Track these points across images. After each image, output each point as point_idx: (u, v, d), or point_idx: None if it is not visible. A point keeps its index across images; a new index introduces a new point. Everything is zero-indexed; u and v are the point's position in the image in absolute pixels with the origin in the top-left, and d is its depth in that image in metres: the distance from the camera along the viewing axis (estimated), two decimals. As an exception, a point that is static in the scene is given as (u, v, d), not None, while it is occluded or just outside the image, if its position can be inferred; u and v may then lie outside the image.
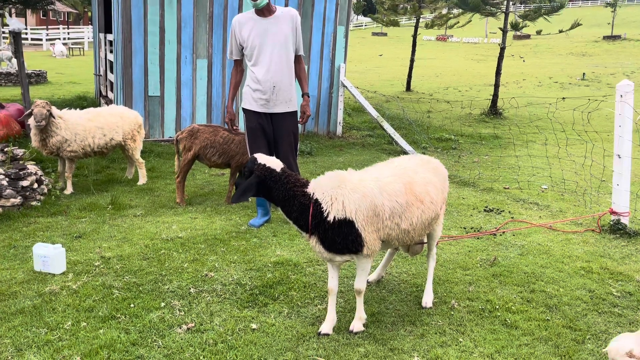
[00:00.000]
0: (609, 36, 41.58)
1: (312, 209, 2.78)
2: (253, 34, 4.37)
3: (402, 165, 3.16)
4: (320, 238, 2.81)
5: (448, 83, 20.89)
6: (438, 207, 3.17)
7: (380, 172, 3.03)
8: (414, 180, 3.04)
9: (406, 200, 2.93)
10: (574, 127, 8.28)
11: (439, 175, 3.29)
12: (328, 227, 2.77)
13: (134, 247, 4.11)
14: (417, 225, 3.00)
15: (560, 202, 5.88)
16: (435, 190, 3.13)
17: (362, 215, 2.78)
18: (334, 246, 2.81)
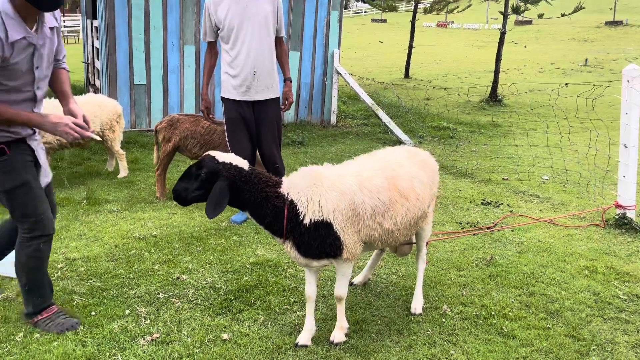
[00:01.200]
0: (611, 22, 40.95)
1: (286, 211, 2.48)
2: (230, 13, 4.03)
3: (386, 158, 2.85)
4: (296, 243, 2.52)
5: (447, 70, 20.50)
6: (425, 204, 2.87)
7: (361, 166, 2.72)
8: (398, 175, 2.74)
9: (389, 197, 2.63)
10: (577, 114, 7.95)
11: (427, 168, 2.98)
12: (304, 231, 2.48)
13: (103, 247, 3.82)
14: (401, 225, 2.71)
15: (562, 194, 5.57)
16: (421, 185, 2.83)
17: (341, 216, 2.49)
18: (311, 251, 2.52)
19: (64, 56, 2.77)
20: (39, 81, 2.57)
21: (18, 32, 2.34)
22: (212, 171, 2.44)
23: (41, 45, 2.49)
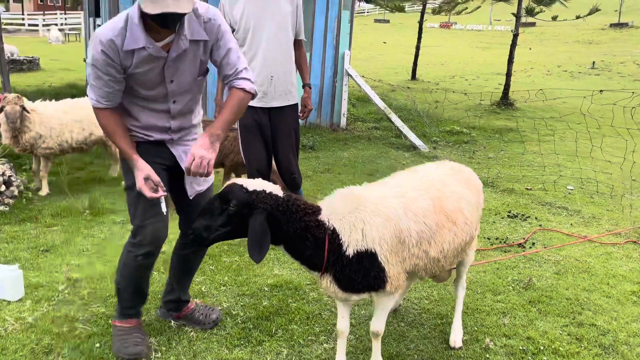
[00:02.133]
0: (616, 24, 40.66)
1: (327, 242, 2.14)
2: (247, 13, 3.71)
3: (428, 175, 2.55)
4: (336, 277, 2.19)
5: (454, 71, 20.20)
6: (473, 228, 2.58)
7: (402, 185, 2.42)
8: (444, 195, 2.43)
9: (436, 221, 2.33)
10: (613, 122, 7.66)
11: (472, 187, 2.67)
12: (346, 264, 2.16)
13: (108, 266, 3.52)
14: (448, 252, 2.41)
15: (591, 207, 5.28)
16: (469, 207, 2.53)
17: (386, 245, 2.19)
18: (353, 285, 2.21)
19: (236, 71, 2.37)
20: (173, 95, 2.37)
21: (137, 42, 2.17)
22: (244, 203, 2.06)
23: (175, 58, 2.27)
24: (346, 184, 2.30)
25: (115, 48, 2.16)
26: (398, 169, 3.06)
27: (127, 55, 2.20)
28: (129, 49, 2.17)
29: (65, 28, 33.41)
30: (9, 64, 15.89)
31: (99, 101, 2.30)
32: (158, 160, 2.45)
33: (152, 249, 2.50)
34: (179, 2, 2.00)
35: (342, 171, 6.39)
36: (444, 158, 7.26)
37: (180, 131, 2.50)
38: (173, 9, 1.99)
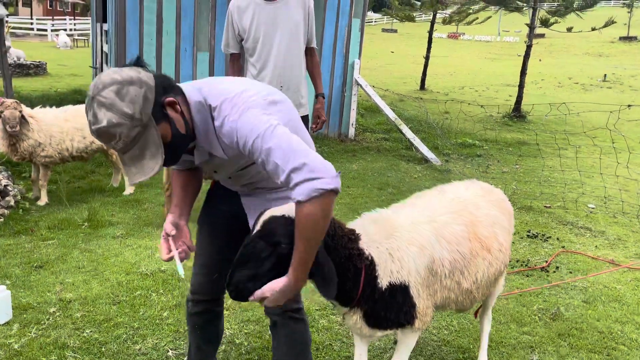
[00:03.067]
0: (626, 37, 40.44)
1: (364, 273, 1.85)
2: (256, 22, 3.50)
3: (459, 197, 2.30)
4: (366, 312, 1.92)
5: (463, 82, 19.98)
6: (507, 255, 2.33)
7: (432, 207, 2.17)
8: (478, 220, 2.19)
9: (470, 249, 2.09)
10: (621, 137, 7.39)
11: (505, 211, 2.43)
12: (378, 297, 1.89)
13: (104, 285, 3.29)
14: (481, 283, 2.17)
15: (615, 227, 5.02)
16: (503, 233, 2.29)
17: (419, 277, 1.94)
18: (381, 321, 1.95)
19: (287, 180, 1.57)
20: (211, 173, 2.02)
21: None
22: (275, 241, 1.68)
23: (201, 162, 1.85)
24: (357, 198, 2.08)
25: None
26: (407, 181, 2.81)
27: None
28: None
29: (74, 33, 33.53)
30: (16, 68, 15.81)
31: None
32: (224, 207, 2.07)
33: (195, 299, 2.15)
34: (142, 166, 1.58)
35: (352, 184, 6.15)
36: (457, 172, 7.02)
37: (245, 187, 1.99)
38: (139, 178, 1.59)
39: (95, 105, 1.49)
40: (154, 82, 1.58)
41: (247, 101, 1.65)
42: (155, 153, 1.56)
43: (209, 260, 2.07)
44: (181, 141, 1.66)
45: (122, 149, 1.55)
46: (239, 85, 1.73)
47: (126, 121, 1.50)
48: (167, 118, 1.60)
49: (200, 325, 2.17)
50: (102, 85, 1.50)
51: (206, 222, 2.11)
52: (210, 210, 2.11)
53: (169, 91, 1.63)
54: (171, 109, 1.61)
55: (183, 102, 1.67)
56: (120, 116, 1.49)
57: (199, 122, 1.68)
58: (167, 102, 1.59)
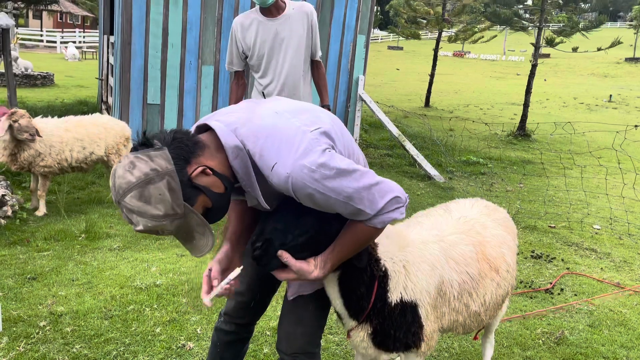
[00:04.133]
0: (632, 58, 40.50)
1: (377, 285, 1.78)
2: (260, 39, 3.49)
3: (465, 215, 2.23)
4: (374, 329, 1.83)
5: (468, 100, 19.99)
6: (514, 277, 2.26)
7: (439, 226, 2.10)
8: (485, 240, 2.12)
9: (479, 270, 2.02)
10: (627, 157, 7.31)
11: (510, 230, 2.37)
12: (387, 314, 1.81)
13: (97, 299, 3.22)
14: (489, 305, 2.09)
15: (621, 249, 4.92)
16: (510, 253, 2.23)
17: (429, 297, 1.86)
18: (388, 341, 1.85)
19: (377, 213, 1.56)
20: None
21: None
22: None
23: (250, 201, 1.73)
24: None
25: None
26: (410, 198, 2.73)
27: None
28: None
29: (83, 46, 33.91)
30: (23, 78, 15.93)
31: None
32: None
33: (226, 320, 2.06)
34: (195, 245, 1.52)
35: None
36: (461, 190, 6.95)
37: None
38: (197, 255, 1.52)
39: (124, 209, 1.40)
40: (171, 161, 1.40)
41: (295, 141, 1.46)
42: (203, 231, 1.48)
43: (246, 289, 1.97)
44: (223, 199, 1.53)
45: (171, 236, 1.50)
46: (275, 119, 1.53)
47: (161, 222, 1.40)
48: (200, 190, 1.46)
49: (223, 342, 2.07)
50: (121, 191, 1.38)
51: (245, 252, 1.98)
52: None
53: (191, 156, 1.46)
54: (202, 176, 1.46)
55: (214, 147, 1.51)
56: (153, 219, 1.39)
57: (239, 168, 1.51)
58: (195, 175, 1.44)
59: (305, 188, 1.44)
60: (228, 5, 7.73)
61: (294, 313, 1.86)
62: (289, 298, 1.87)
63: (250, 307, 2.00)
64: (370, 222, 1.52)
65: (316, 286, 1.84)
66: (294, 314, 1.86)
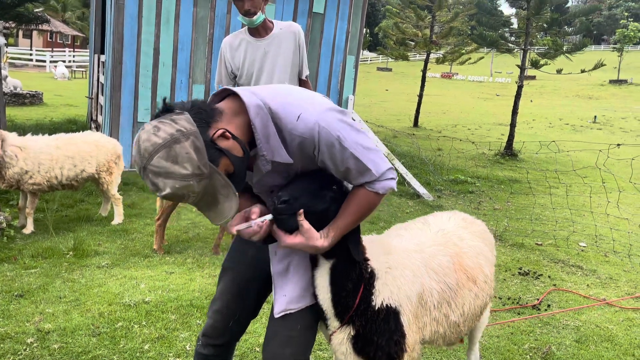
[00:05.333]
0: (615, 80, 41.40)
1: (363, 286, 1.80)
2: (249, 59, 3.55)
3: (442, 228, 2.28)
4: (356, 333, 1.83)
5: (456, 120, 20.26)
6: (492, 287, 2.30)
7: (417, 238, 2.15)
8: (462, 251, 2.17)
9: (456, 280, 2.06)
10: (631, 179, 7.46)
11: (487, 242, 2.42)
12: (370, 317, 1.82)
13: (85, 316, 3.20)
14: (468, 315, 2.12)
15: (606, 266, 4.99)
16: (487, 264, 2.27)
17: (410, 305, 1.88)
18: (370, 348, 1.85)
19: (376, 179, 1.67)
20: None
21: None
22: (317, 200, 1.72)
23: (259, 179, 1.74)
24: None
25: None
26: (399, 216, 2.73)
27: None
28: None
29: (73, 65, 33.94)
30: (12, 97, 15.89)
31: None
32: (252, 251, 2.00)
33: (204, 342, 2.01)
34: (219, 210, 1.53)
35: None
36: (449, 208, 7.01)
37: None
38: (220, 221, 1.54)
39: (150, 174, 1.40)
40: (194, 124, 1.44)
41: (322, 102, 1.59)
42: (227, 193, 1.50)
43: (225, 307, 1.96)
44: (243, 164, 1.56)
45: (193, 203, 1.48)
46: (298, 89, 1.66)
47: (189, 181, 1.41)
48: (222, 152, 1.49)
49: None
50: (147, 154, 1.39)
51: (230, 267, 2.01)
52: (236, 254, 2.03)
53: (211, 120, 1.50)
54: (223, 139, 1.50)
55: (231, 113, 1.56)
56: (181, 179, 1.40)
57: (259, 127, 1.55)
58: (216, 137, 1.48)
59: (330, 135, 1.53)
60: (219, 26, 7.85)
61: (282, 333, 1.83)
62: (275, 315, 1.83)
63: (228, 327, 1.97)
64: (372, 186, 1.61)
65: (303, 303, 1.83)
66: (282, 334, 1.82)
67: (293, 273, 1.83)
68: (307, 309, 1.84)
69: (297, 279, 1.83)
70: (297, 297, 1.82)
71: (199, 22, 7.68)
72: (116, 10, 7.20)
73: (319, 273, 1.78)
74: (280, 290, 1.83)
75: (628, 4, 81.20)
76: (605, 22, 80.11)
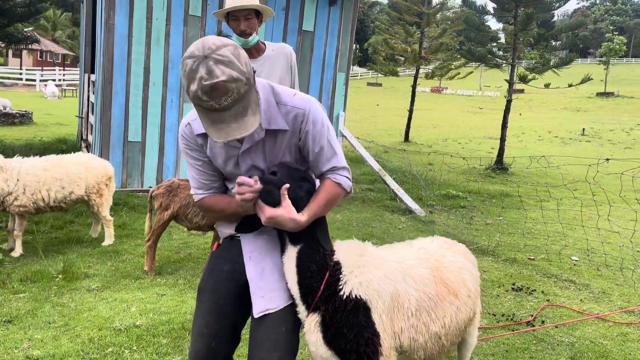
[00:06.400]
0: (602, 93, 41.99)
1: (328, 274, 1.92)
2: None
3: (425, 247, 2.33)
4: (324, 321, 1.89)
5: (446, 134, 20.40)
6: (477, 302, 2.32)
7: (398, 253, 2.20)
8: (443, 265, 2.21)
9: (436, 291, 2.09)
10: (621, 193, 7.52)
11: (470, 259, 2.47)
12: (338, 306, 1.89)
13: (75, 341, 3.15)
14: (450, 329, 2.13)
15: (599, 280, 5.00)
16: (471, 278, 2.31)
17: (382, 305, 1.93)
18: (340, 340, 1.88)
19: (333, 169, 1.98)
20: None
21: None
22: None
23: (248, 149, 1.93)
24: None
25: (191, 131, 1.94)
26: (392, 232, 2.75)
27: (200, 140, 1.94)
28: (200, 133, 1.92)
29: (63, 84, 33.86)
30: (1, 117, 15.80)
31: (196, 193, 2.02)
32: (226, 268, 2.04)
33: None
34: (244, 122, 1.68)
35: (336, 235, 6.10)
36: (442, 223, 7.03)
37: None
38: (239, 135, 1.67)
39: (211, 62, 1.58)
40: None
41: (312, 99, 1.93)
42: (255, 110, 1.70)
43: (206, 329, 1.96)
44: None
45: (228, 106, 1.63)
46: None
47: (242, 78, 1.62)
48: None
49: None
50: (214, 46, 1.61)
51: (207, 288, 2.03)
52: (212, 273, 2.05)
53: None
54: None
55: None
56: (238, 73, 1.61)
57: (262, 98, 1.84)
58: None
59: (317, 114, 1.89)
60: (210, 45, 7.87)
61: (268, 339, 1.87)
62: (255, 315, 1.90)
63: (211, 349, 1.95)
64: (335, 177, 1.95)
65: (281, 302, 1.93)
66: (268, 340, 1.87)
67: (268, 275, 1.95)
68: (287, 312, 1.93)
69: (273, 281, 1.94)
70: (274, 297, 1.92)
71: (189, 41, 7.70)
72: (106, 31, 7.22)
73: (287, 257, 1.93)
74: (257, 292, 1.92)
75: (613, 18, 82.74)
76: (591, 36, 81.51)
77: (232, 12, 3.26)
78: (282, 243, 1.95)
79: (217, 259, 2.07)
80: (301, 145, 1.92)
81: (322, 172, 1.96)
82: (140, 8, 7.28)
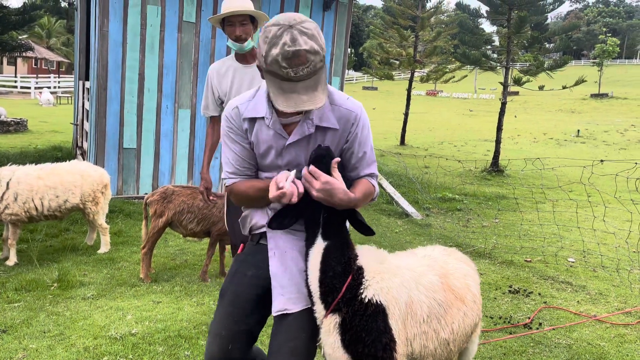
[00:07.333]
0: (596, 94, 42.20)
1: (351, 277, 1.90)
2: (236, 85, 3.54)
3: (428, 254, 2.33)
4: (343, 323, 1.87)
5: (442, 137, 20.45)
6: (480, 308, 2.32)
7: (406, 260, 2.20)
8: (449, 272, 2.21)
9: (445, 298, 2.09)
10: (616, 194, 7.53)
11: (471, 266, 2.47)
12: (358, 309, 1.88)
13: (70, 351, 3.12)
14: (458, 334, 2.13)
15: (595, 281, 5.00)
16: (475, 285, 2.32)
17: (398, 311, 1.93)
18: (358, 345, 1.87)
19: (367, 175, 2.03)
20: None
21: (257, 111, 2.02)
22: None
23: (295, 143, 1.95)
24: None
25: (238, 114, 1.94)
26: (389, 236, 2.75)
27: (246, 124, 1.94)
28: (248, 117, 1.93)
29: (58, 91, 33.78)
30: (-4, 125, 15.74)
31: (228, 177, 2.01)
32: (250, 272, 2.03)
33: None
34: (314, 96, 1.73)
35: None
36: (438, 226, 7.03)
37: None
38: (308, 106, 1.72)
39: (295, 31, 1.66)
40: None
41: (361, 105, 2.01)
42: (324, 89, 1.75)
43: (224, 331, 1.95)
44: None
45: (303, 76, 1.69)
46: None
47: (321, 52, 1.70)
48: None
49: None
50: (299, 19, 1.70)
51: (229, 290, 2.02)
52: (235, 277, 2.05)
53: None
54: None
55: None
56: (318, 46, 1.69)
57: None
58: None
59: (366, 121, 1.96)
60: (204, 50, 7.88)
61: (286, 345, 1.88)
62: (274, 313, 1.91)
63: (227, 351, 1.95)
64: (371, 181, 2.00)
65: (301, 305, 1.92)
66: (286, 346, 1.88)
67: (291, 274, 1.94)
68: (306, 318, 1.91)
69: (295, 281, 1.93)
70: (294, 298, 1.91)
71: (183, 47, 7.71)
72: (100, 38, 7.21)
73: (313, 253, 1.90)
74: (278, 289, 1.91)
75: (606, 20, 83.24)
76: (585, 38, 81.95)
77: (227, 17, 3.26)
78: (310, 237, 1.92)
79: (242, 263, 2.07)
80: (346, 148, 1.96)
81: (359, 176, 2.00)
82: (134, 15, 7.28)
